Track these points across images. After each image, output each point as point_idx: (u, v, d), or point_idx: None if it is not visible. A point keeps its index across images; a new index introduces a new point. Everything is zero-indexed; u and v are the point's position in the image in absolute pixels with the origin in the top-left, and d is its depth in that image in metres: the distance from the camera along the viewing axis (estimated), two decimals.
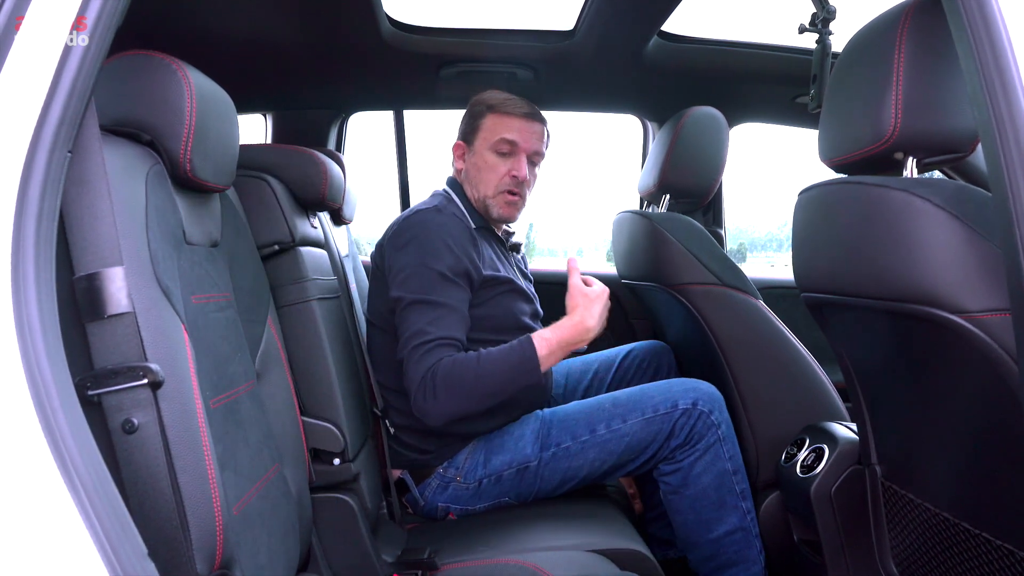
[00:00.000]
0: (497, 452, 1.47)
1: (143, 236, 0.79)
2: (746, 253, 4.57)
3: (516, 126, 1.55)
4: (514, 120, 1.55)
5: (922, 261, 0.87)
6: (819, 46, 1.53)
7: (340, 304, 1.55)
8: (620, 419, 1.44)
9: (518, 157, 1.55)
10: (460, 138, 1.63)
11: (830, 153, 1.07)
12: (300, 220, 1.42)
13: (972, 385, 0.92)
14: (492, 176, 1.55)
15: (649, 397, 1.45)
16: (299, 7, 1.62)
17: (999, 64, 0.70)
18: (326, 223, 1.68)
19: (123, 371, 0.70)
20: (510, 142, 1.54)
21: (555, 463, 1.45)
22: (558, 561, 1.22)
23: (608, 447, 1.43)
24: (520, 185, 1.55)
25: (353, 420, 1.38)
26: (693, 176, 1.76)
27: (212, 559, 0.76)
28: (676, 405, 1.42)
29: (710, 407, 1.43)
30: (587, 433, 1.44)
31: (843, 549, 1.28)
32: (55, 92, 0.65)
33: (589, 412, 1.47)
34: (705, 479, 1.42)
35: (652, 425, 1.42)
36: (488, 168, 1.55)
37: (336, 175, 1.57)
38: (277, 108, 2.30)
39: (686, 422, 1.42)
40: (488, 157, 1.55)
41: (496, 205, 1.56)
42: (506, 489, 1.47)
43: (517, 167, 1.54)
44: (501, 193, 1.55)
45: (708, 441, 1.42)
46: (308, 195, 1.46)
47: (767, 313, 1.59)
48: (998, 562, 0.95)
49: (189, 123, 0.88)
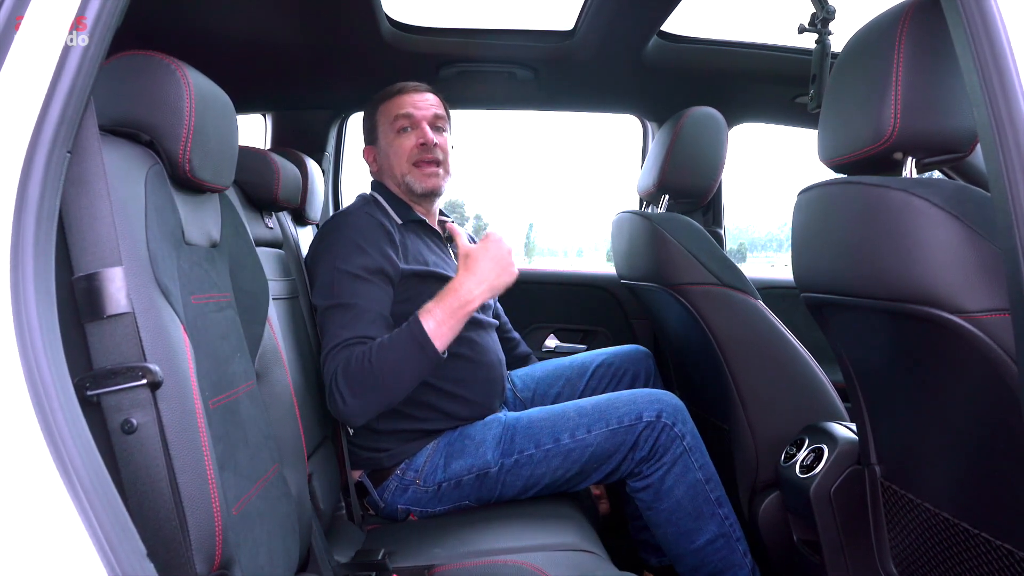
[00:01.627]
0: (457, 456, 1.46)
1: (142, 236, 0.79)
2: (746, 253, 4.58)
3: (406, 101, 1.59)
4: (400, 97, 1.60)
5: (921, 261, 0.87)
6: (819, 46, 1.53)
7: (299, 304, 1.55)
8: (584, 429, 1.42)
9: (419, 127, 1.57)
10: (366, 145, 1.68)
11: (830, 153, 1.07)
12: (252, 220, 1.42)
13: (972, 385, 0.92)
14: (400, 153, 1.58)
15: (614, 408, 1.43)
16: (299, 7, 1.62)
17: (998, 64, 0.70)
18: (287, 224, 1.68)
19: (122, 371, 0.70)
20: (406, 115, 1.58)
21: (517, 470, 1.44)
22: (558, 561, 1.22)
23: (572, 456, 1.42)
24: (432, 150, 1.56)
25: (308, 421, 1.37)
26: (693, 176, 1.76)
27: (211, 559, 0.76)
28: (640, 417, 1.41)
29: (673, 419, 1.42)
30: (551, 442, 1.43)
31: (843, 549, 1.28)
32: (54, 92, 0.65)
33: (553, 420, 1.46)
34: (678, 491, 1.42)
35: (616, 436, 1.41)
36: (395, 150, 1.58)
37: (291, 176, 1.57)
38: (276, 108, 2.30)
39: (650, 434, 1.41)
40: (392, 140, 1.59)
41: (415, 179, 1.57)
42: (466, 493, 1.46)
43: (422, 134, 1.56)
44: (416, 166, 1.57)
45: (674, 453, 1.41)
46: (260, 195, 1.47)
47: (767, 313, 1.59)
48: (998, 562, 0.95)
49: (188, 123, 0.88)
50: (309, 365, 1.50)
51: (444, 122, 1.62)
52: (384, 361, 1.33)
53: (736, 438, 1.60)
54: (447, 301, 1.37)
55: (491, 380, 1.57)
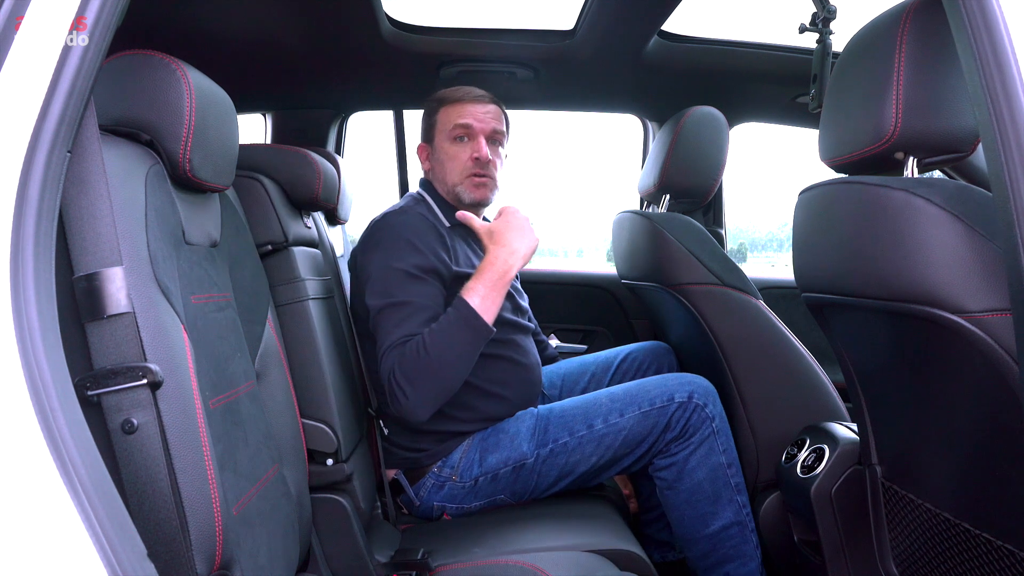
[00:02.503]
0: (493, 450, 1.47)
1: (142, 236, 0.79)
2: (746, 253, 4.57)
3: (467, 111, 1.57)
4: (464, 106, 1.58)
5: (922, 261, 0.87)
6: (819, 46, 1.53)
7: (335, 304, 1.55)
8: (617, 413, 1.44)
9: (476, 140, 1.57)
10: (422, 140, 1.67)
11: (830, 153, 1.07)
12: (293, 220, 1.43)
13: (972, 385, 0.92)
14: (455, 164, 1.57)
15: (646, 391, 1.46)
16: (299, 7, 1.62)
17: (1000, 63, 0.70)
18: (321, 223, 1.68)
19: (122, 371, 0.70)
20: (464, 126, 1.57)
21: (552, 459, 1.45)
22: (558, 561, 1.22)
23: (605, 442, 1.44)
24: (485, 166, 1.57)
25: (346, 420, 1.38)
26: (693, 176, 1.76)
27: (212, 559, 0.76)
28: (672, 398, 1.43)
29: (705, 400, 1.44)
30: (584, 428, 1.45)
31: (843, 549, 1.28)
32: (55, 92, 0.65)
33: (586, 407, 1.48)
34: (700, 473, 1.43)
35: (649, 419, 1.43)
36: (450, 157, 1.58)
37: (330, 175, 1.57)
38: (277, 108, 2.30)
39: (682, 415, 1.43)
40: (448, 148, 1.58)
41: (465, 190, 1.57)
42: (502, 487, 1.47)
43: (477, 148, 1.56)
44: (467, 177, 1.56)
45: (703, 434, 1.43)
46: (301, 195, 1.47)
47: (767, 313, 1.59)
48: (998, 562, 0.95)
49: (189, 123, 0.88)
50: (348, 366, 1.51)
51: (502, 136, 1.62)
52: (438, 346, 1.34)
53: (737, 438, 1.60)
54: (486, 275, 1.39)
55: (531, 382, 1.59)
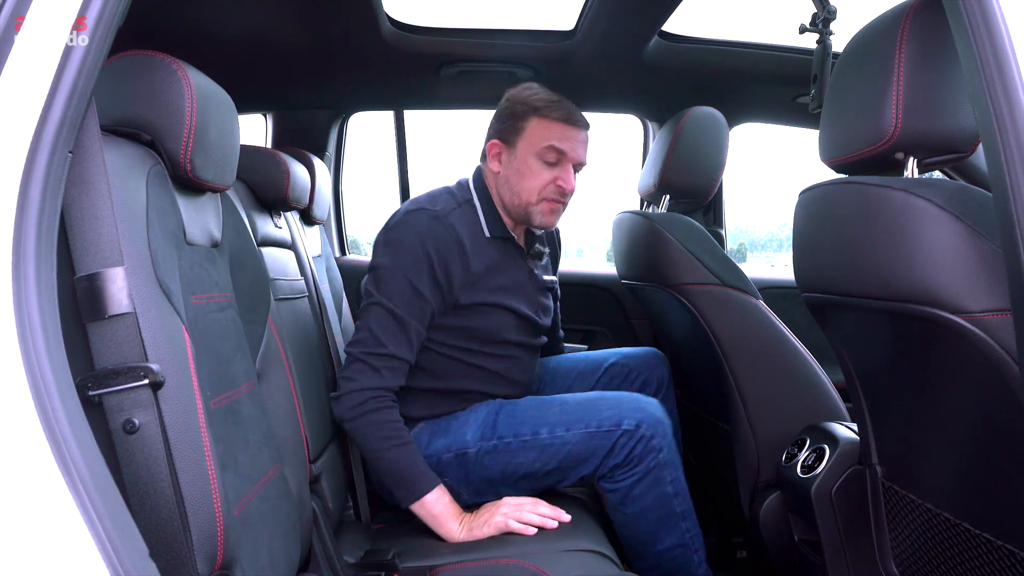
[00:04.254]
0: (440, 435, 1.46)
1: (144, 236, 0.79)
2: (746, 253, 4.58)
3: (565, 134, 1.45)
4: (562, 128, 1.45)
5: (923, 261, 0.87)
6: (820, 46, 1.53)
7: (307, 304, 1.54)
8: (564, 427, 1.41)
9: (565, 167, 1.47)
10: (497, 137, 1.51)
11: (830, 153, 1.07)
12: (261, 220, 1.42)
13: (973, 385, 0.92)
14: (536, 183, 1.46)
15: (596, 410, 1.41)
16: (299, 7, 1.62)
17: (1000, 64, 0.70)
18: (294, 224, 1.68)
19: (124, 371, 0.70)
20: (558, 151, 1.45)
21: (495, 455, 1.43)
22: (558, 561, 1.22)
23: (548, 451, 1.41)
24: (566, 196, 1.50)
25: (314, 422, 1.37)
26: (693, 176, 1.76)
27: (213, 560, 0.76)
28: (620, 424, 1.38)
29: (653, 431, 1.38)
30: (529, 433, 1.42)
31: (843, 549, 1.28)
32: (56, 92, 0.65)
33: (538, 410, 1.45)
34: (645, 500, 1.41)
35: (594, 440, 1.39)
36: (532, 175, 1.46)
37: (300, 176, 1.57)
38: (277, 108, 2.30)
39: (627, 443, 1.38)
40: (532, 163, 1.46)
41: (540, 213, 1.49)
42: (448, 473, 1.44)
43: (565, 178, 1.46)
44: (544, 201, 1.48)
45: (648, 465, 1.39)
46: (270, 195, 1.47)
47: (767, 313, 1.59)
48: (999, 562, 0.95)
49: (189, 123, 0.88)
50: (316, 367, 1.50)
51: (583, 167, 1.52)
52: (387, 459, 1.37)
53: (737, 438, 1.60)
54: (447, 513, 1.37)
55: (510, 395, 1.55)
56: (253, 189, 1.44)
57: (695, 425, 1.87)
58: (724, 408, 1.64)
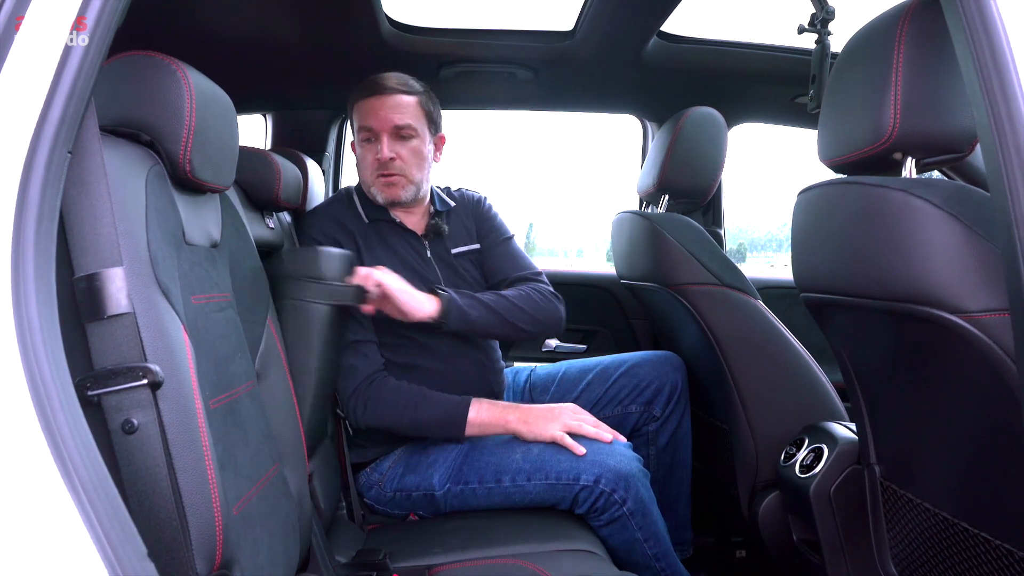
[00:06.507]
0: (412, 471, 1.48)
1: (143, 236, 0.79)
2: (746, 253, 4.58)
3: (369, 110, 1.53)
4: (366, 104, 1.54)
5: (921, 261, 0.87)
6: (818, 46, 1.53)
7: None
8: (525, 476, 1.40)
9: (378, 141, 1.53)
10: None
11: (829, 153, 1.07)
12: (253, 221, 1.42)
13: (971, 385, 0.92)
14: (364, 166, 1.57)
15: (556, 461, 1.39)
16: (299, 7, 1.62)
17: (998, 64, 0.70)
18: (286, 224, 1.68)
19: (123, 371, 0.70)
20: (366, 128, 1.54)
21: (461, 498, 1.44)
22: (555, 561, 1.22)
23: (512, 499, 1.42)
24: (388, 166, 1.53)
25: (307, 421, 1.36)
26: (692, 176, 1.76)
27: (212, 559, 0.76)
28: (578, 479, 1.37)
29: (613, 486, 1.36)
30: (492, 481, 1.42)
31: (842, 549, 1.28)
32: (55, 92, 0.65)
33: (500, 458, 1.43)
34: (613, 541, 1.41)
35: (555, 491, 1.39)
36: (361, 160, 1.58)
37: (292, 176, 1.57)
38: (277, 108, 2.30)
39: (587, 496, 1.37)
40: (358, 149, 1.58)
41: (378, 191, 1.56)
42: (416, 506, 1.47)
43: (379, 150, 1.53)
44: (377, 177, 1.55)
45: (612, 515, 1.38)
46: (261, 196, 1.47)
47: (767, 313, 1.59)
48: (997, 562, 0.95)
49: (189, 123, 0.88)
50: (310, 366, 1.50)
51: (411, 129, 1.53)
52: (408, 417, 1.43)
53: (736, 438, 1.60)
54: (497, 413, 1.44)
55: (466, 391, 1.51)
56: (244, 189, 1.44)
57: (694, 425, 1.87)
58: (723, 408, 1.64)
